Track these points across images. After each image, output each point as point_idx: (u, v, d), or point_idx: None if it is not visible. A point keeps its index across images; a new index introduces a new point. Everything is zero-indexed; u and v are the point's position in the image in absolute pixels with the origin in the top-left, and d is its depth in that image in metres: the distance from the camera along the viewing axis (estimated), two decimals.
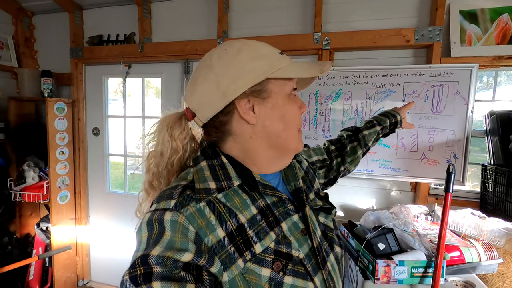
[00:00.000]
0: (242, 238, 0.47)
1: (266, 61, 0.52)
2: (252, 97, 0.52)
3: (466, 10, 1.61)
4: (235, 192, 0.51)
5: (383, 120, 0.93)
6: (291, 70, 0.53)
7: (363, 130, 0.89)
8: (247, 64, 0.51)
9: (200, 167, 0.53)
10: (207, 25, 2.04)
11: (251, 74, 0.51)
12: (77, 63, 2.30)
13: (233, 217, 0.48)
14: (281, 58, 0.54)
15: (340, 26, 1.79)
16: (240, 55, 0.51)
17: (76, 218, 2.40)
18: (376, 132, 0.90)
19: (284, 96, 0.54)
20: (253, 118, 0.52)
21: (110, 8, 2.25)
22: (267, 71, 0.51)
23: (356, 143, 0.88)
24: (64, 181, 2.26)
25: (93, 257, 2.50)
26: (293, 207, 0.56)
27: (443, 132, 1.60)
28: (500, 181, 1.43)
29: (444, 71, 1.58)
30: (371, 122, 0.92)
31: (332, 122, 1.78)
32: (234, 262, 0.45)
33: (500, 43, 1.56)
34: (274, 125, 0.53)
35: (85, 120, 2.39)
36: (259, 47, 0.54)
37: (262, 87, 0.52)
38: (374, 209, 1.83)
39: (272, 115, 0.53)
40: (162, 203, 0.47)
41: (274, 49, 0.55)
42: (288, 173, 0.62)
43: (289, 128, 0.55)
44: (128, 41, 2.17)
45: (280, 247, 0.49)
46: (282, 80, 0.53)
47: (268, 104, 0.53)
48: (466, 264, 1.11)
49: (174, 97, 2.18)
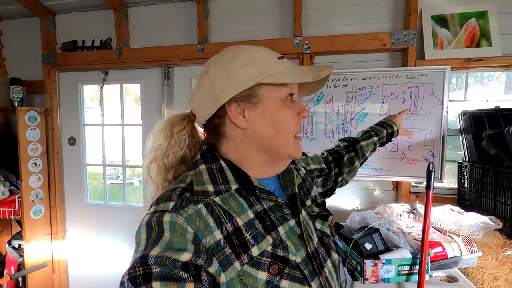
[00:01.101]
0: (239, 240, 0.47)
1: (259, 67, 0.52)
2: (243, 101, 0.53)
3: (437, 15, 1.69)
4: (232, 196, 0.52)
5: (380, 130, 0.94)
6: (283, 75, 0.53)
7: (361, 141, 0.91)
8: (239, 70, 0.52)
9: (199, 170, 0.54)
10: (187, 30, 2.02)
11: (241, 79, 0.52)
12: (50, 70, 2.20)
13: (230, 220, 0.49)
14: (277, 63, 0.54)
15: (319, 30, 1.83)
16: (235, 61, 0.53)
17: (52, 233, 2.27)
18: (373, 143, 0.91)
19: (277, 102, 0.54)
20: (243, 122, 0.53)
21: (85, 13, 2.18)
22: (258, 77, 0.52)
23: (353, 153, 0.89)
24: (38, 194, 2.13)
25: (72, 274, 2.37)
26: (290, 212, 0.57)
27: (420, 132, 1.66)
28: (475, 177, 1.50)
29: (419, 73, 1.64)
30: (368, 133, 0.93)
31: (315, 125, 1.80)
32: (231, 264, 0.45)
33: (469, 46, 1.65)
34: (265, 130, 0.54)
35: (60, 129, 2.27)
36: (255, 52, 0.55)
37: (253, 92, 0.53)
38: (358, 209, 1.86)
39: (262, 120, 0.54)
40: (161, 205, 0.48)
41: (272, 54, 0.56)
42: (286, 178, 0.63)
43: (281, 134, 0.54)
44: (105, 46, 2.11)
45: (277, 251, 0.50)
46: (274, 85, 0.53)
47: (258, 109, 0.53)
48: (448, 259, 1.14)
49: (154, 103, 2.13)
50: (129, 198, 2.80)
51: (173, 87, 2.09)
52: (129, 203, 2.29)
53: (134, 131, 2.23)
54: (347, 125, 1.76)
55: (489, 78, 1.82)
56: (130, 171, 6.63)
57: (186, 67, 2.06)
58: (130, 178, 5.98)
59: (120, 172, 2.32)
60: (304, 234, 0.55)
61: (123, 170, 2.35)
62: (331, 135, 1.78)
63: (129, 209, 2.24)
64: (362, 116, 1.73)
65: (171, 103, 2.09)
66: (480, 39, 1.63)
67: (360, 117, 1.74)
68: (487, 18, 1.63)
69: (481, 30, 1.64)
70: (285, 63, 0.55)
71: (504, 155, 1.29)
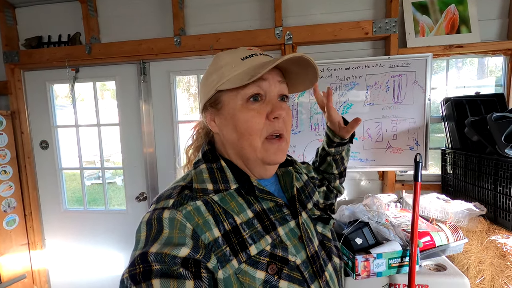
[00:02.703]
0: (237, 239, 0.48)
1: (218, 74, 0.54)
2: (212, 108, 0.57)
3: (418, 1, 1.67)
4: (231, 196, 0.53)
5: (326, 149, 0.85)
6: (233, 80, 0.52)
7: (319, 166, 0.89)
8: (208, 79, 0.57)
9: (200, 169, 0.55)
10: (162, 22, 1.91)
11: (207, 88, 0.56)
12: (13, 69, 2.03)
13: (228, 218, 0.49)
14: (238, 65, 0.53)
15: (300, 20, 1.77)
16: (207, 71, 0.58)
17: (29, 242, 2.15)
18: (330, 162, 0.85)
19: (236, 105, 0.53)
20: (215, 127, 0.58)
21: (48, 5, 2.01)
22: (216, 84, 0.54)
23: (322, 176, 0.88)
24: (9, 203, 2.00)
25: (54, 283, 2.26)
26: (289, 213, 0.57)
27: (404, 120, 1.66)
28: (458, 163, 1.52)
29: (402, 62, 1.63)
30: (320, 156, 0.88)
31: (300, 117, 1.76)
32: (229, 261, 0.45)
33: (450, 32, 1.64)
34: (230, 135, 0.55)
35: (30, 132, 2.12)
36: (221, 58, 0.56)
37: (216, 98, 0.55)
38: (346, 200, 1.86)
39: (226, 125, 0.55)
40: (161, 203, 0.49)
41: (237, 56, 0.54)
42: (286, 180, 0.64)
43: (243, 137, 0.53)
44: (73, 42, 1.96)
45: (276, 251, 0.50)
46: (232, 90, 0.53)
47: (222, 114, 0.56)
48: (436, 248, 1.16)
49: (131, 100, 2.02)
50: (111, 201, 2.69)
51: (150, 83, 1.99)
52: (110, 206, 2.19)
53: (112, 128, 2.11)
54: None
55: (463, 63, 1.85)
56: (113, 169, 6.41)
57: (163, 61, 1.95)
58: (112, 177, 5.80)
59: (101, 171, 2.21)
60: (304, 237, 0.55)
61: (102, 173, 2.24)
62: (316, 128, 1.76)
63: (110, 213, 2.14)
64: (347, 107, 1.71)
65: (149, 100, 1.99)
66: (460, 25, 1.63)
67: (345, 107, 1.71)
68: (466, 4, 1.63)
69: (460, 16, 1.63)
70: (250, 62, 0.53)
71: (486, 141, 1.31)
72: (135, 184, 2.08)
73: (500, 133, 1.22)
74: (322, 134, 1.75)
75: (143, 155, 2.04)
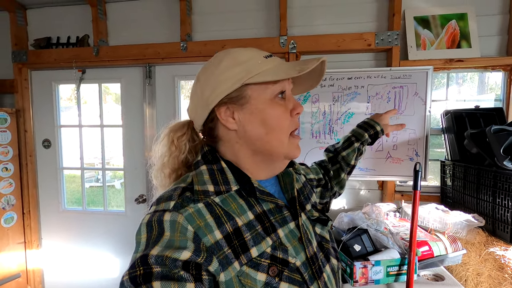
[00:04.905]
0: (238, 241, 0.48)
1: (243, 68, 0.53)
2: (231, 104, 0.54)
3: (419, 16, 1.71)
4: (232, 197, 0.52)
5: (361, 134, 0.91)
6: (268, 74, 0.52)
7: (341, 151, 0.89)
8: (224, 73, 0.53)
9: (200, 171, 0.55)
10: (170, 27, 1.95)
11: (227, 82, 0.53)
12: (21, 68, 2.06)
13: (230, 220, 0.49)
14: (264, 62, 0.54)
15: (305, 30, 1.81)
16: (220, 65, 0.54)
17: (26, 241, 2.14)
18: (355, 149, 0.88)
19: (265, 101, 0.54)
20: (233, 124, 0.54)
21: (59, 8, 2.06)
22: (243, 78, 0.52)
23: (338, 165, 0.89)
24: (9, 201, 2.00)
25: (48, 284, 2.24)
26: (289, 215, 0.57)
27: (405, 131, 1.68)
28: (457, 175, 1.53)
29: (403, 74, 1.66)
30: (349, 140, 0.91)
31: (301, 124, 1.78)
32: (230, 264, 0.45)
33: (450, 47, 1.68)
34: (256, 130, 0.54)
35: (33, 131, 2.14)
36: (240, 54, 0.55)
37: (240, 93, 0.53)
38: (345, 208, 1.86)
39: (252, 120, 0.54)
40: (161, 205, 0.48)
41: (259, 54, 0.55)
42: (286, 181, 0.64)
43: (273, 132, 0.54)
44: (81, 44, 2.00)
45: (277, 253, 0.50)
46: (261, 84, 0.53)
47: (247, 109, 0.54)
48: (435, 257, 1.16)
49: (135, 103, 2.05)
50: (110, 203, 2.69)
51: (155, 87, 2.02)
52: (109, 207, 2.19)
53: (114, 132, 2.14)
54: (333, 125, 1.76)
55: (463, 79, 1.88)
56: (111, 173, 6.41)
57: (168, 66, 1.99)
58: (111, 180, 5.79)
59: (101, 174, 2.22)
60: (303, 238, 0.55)
61: (103, 174, 2.25)
62: (317, 135, 1.77)
63: (109, 214, 2.14)
64: (348, 116, 1.73)
65: (153, 103, 2.02)
66: (461, 40, 1.67)
67: (346, 117, 1.74)
68: (467, 20, 1.67)
69: (461, 31, 1.67)
70: (272, 61, 0.55)
71: (485, 153, 1.32)
72: (135, 186, 2.09)
73: (499, 145, 1.24)
74: (323, 142, 1.77)
75: (144, 158, 2.05)
